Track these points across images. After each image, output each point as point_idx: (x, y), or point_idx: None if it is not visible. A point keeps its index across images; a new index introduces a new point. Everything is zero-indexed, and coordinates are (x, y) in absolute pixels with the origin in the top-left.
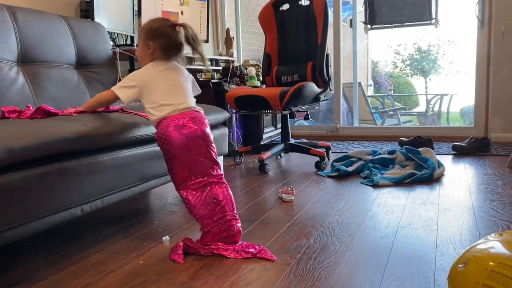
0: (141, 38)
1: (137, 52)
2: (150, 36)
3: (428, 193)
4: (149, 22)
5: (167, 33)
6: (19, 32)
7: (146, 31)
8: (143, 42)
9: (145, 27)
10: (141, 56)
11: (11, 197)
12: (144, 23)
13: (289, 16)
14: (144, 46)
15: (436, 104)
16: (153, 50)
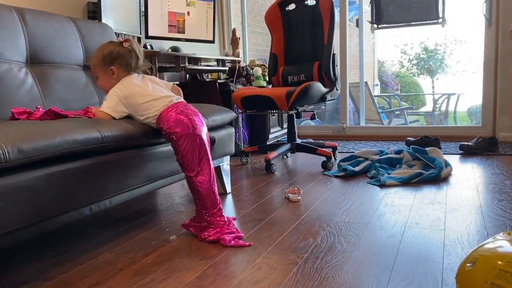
0: (98, 70)
1: (101, 84)
2: (108, 62)
3: (436, 192)
4: (98, 53)
5: (121, 51)
6: (28, 33)
7: (102, 60)
8: (103, 71)
9: (98, 57)
10: (107, 85)
11: (22, 197)
12: (93, 56)
13: (295, 16)
14: (106, 74)
15: (443, 103)
16: (117, 73)
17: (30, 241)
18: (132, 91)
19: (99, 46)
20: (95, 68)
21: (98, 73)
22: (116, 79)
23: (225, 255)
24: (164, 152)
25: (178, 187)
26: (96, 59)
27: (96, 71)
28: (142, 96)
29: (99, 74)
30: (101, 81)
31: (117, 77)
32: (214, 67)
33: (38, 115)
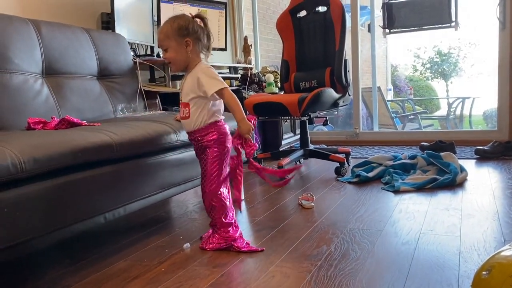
0: (171, 40)
1: (171, 56)
2: (184, 34)
3: (451, 198)
4: (173, 23)
5: (196, 27)
6: (44, 45)
7: (177, 30)
8: (177, 42)
9: (173, 27)
10: (180, 57)
11: (37, 206)
12: (165, 25)
13: (307, 23)
14: (180, 46)
15: (458, 107)
16: (192, 46)
17: (47, 249)
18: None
19: (171, 17)
20: (167, 38)
21: (169, 43)
22: (190, 52)
23: (238, 263)
24: (177, 160)
25: (191, 194)
26: (169, 29)
27: (166, 42)
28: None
29: (170, 45)
30: (173, 53)
31: (191, 50)
32: (226, 75)
33: (53, 125)
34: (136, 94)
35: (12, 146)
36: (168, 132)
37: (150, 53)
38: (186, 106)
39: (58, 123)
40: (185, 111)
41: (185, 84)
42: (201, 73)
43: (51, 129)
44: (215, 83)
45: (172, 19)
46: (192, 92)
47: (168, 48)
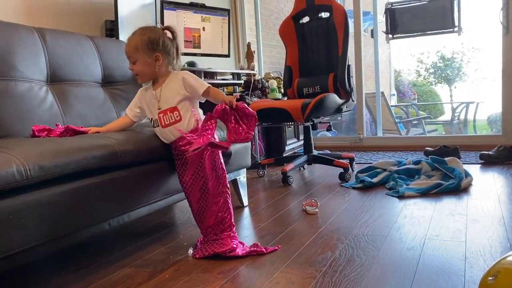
0: (140, 54)
1: (139, 69)
2: (155, 48)
3: (456, 203)
4: (143, 36)
5: (166, 40)
6: (48, 53)
7: (147, 44)
8: (147, 56)
9: (143, 40)
10: (147, 71)
11: (43, 213)
12: (135, 37)
13: (309, 29)
14: (149, 59)
15: (462, 112)
16: (161, 61)
17: (53, 256)
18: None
19: (141, 29)
20: (135, 51)
21: (138, 56)
22: (158, 67)
23: (243, 269)
24: None
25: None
26: (139, 41)
27: (135, 55)
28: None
29: (138, 58)
30: (141, 66)
31: (160, 65)
32: (229, 81)
33: (57, 132)
34: None
35: (18, 153)
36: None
37: None
38: (174, 110)
39: (63, 131)
40: (173, 115)
41: (164, 92)
42: (186, 75)
43: (56, 136)
44: (202, 82)
45: (142, 31)
46: (178, 94)
47: (136, 61)
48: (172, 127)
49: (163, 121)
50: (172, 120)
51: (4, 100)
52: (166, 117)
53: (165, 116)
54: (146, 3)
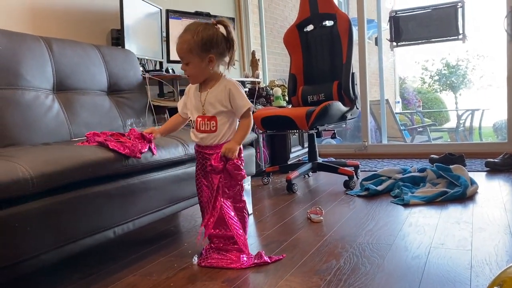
0: (193, 55)
1: (192, 72)
2: (209, 49)
3: (461, 211)
4: (197, 36)
5: (220, 38)
6: (55, 62)
7: (201, 45)
8: (200, 58)
9: (196, 41)
10: (200, 73)
11: (48, 221)
12: (188, 37)
13: (314, 37)
14: (203, 61)
15: (467, 119)
16: (215, 62)
17: (57, 264)
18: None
19: (194, 26)
20: (189, 53)
21: (191, 58)
22: (212, 68)
23: (247, 277)
24: (186, 174)
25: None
26: (192, 42)
27: (188, 56)
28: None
29: (192, 61)
30: (194, 69)
31: (213, 66)
32: None
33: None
34: (145, 109)
35: (23, 161)
36: (176, 146)
37: (159, 68)
38: (212, 119)
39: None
40: (210, 124)
41: (209, 98)
42: (233, 86)
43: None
44: (247, 100)
45: (194, 30)
46: (221, 105)
47: (189, 63)
48: (206, 135)
49: (199, 126)
50: (207, 129)
51: (11, 109)
52: (203, 124)
53: (203, 122)
54: (151, 12)
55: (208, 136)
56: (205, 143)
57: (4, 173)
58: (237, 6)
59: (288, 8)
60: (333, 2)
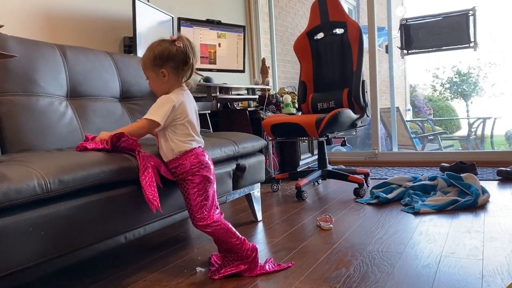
0: (149, 71)
1: (152, 87)
2: (159, 64)
3: (472, 220)
4: (149, 53)
5: (172, 52)
6: (69, 69)
7: (153, 60)
8: (154, 73)
9: (149, 57)
10: (158, 88)
11: (61, 225)
12: (144, 55)
13: (324, 45)
14: (157, 76)
15: (478, 127)
16: (168, 76)
17: (69, 268)
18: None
19: (151, 44)
20: (145, 69)
21: (148, 74)
22: (167, 82)
23: (256, 284)
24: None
25: None
26: (146, 60)
27: (146, 72)
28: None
29: (149, 76)
30: (152, 83)
31: (168, 80)
32: (244, 96)
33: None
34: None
35: (38, 167)
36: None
37: None
38: (156, 136)
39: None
40: (156, 141)
41: None
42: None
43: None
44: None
45: (150, 48)
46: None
47: (148, 78)
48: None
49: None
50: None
51: (26, 115)
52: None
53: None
54: (163, 20)
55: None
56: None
57: (20, 178)
58: (248, 14)
59: (299, 16)
60: (344, 10)
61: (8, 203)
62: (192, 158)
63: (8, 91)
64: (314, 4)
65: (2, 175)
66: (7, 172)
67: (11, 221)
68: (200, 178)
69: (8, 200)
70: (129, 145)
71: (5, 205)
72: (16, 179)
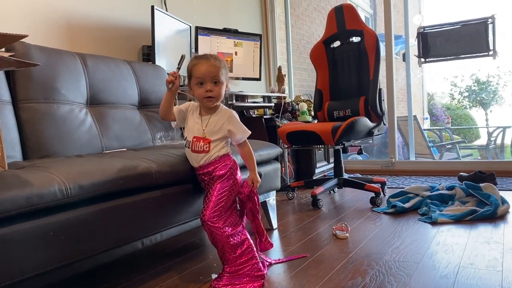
0: (224, 78)
1: (218, 91)
2: (227, 73)
3: (492, 231)
4: (225, 64)
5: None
6: (89, 77)
7: (226, 69)
8: (226, 83)
9: (227, 67)
10: (221, 95)
11: (80, 230)
12: (221, 62)
13: (340, 53)
14: (224, 86)
15: (498, 136)
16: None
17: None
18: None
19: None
20: (220, 74)
21: (222, 79)
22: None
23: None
24: None
25: None
26: (225, 67)
27: (221, 77)
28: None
29: (222, 83)
30: (220, 90)
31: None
32: (260, 103)
33: None
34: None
35: (59, 172)
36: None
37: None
38: (207, 140)
39: None
40: (203, 145)
41: (211, 122)
42: (232, 114)
43: None
44: (243, 130)
45: (219, 58)
46: (220, 132)
47: (219, 83)
48: (198, 154)
49: (194, 146)
50: (201, 149)
51: (47, 122)
52: (198, 144)
53: (198, 142)
54: (181, 29)
55: (199, 156)
56: (198, 162)
57: (41, 184)
58: (264, 23)
59: (315, 24)
60: (360, 18)
61: (31, 208)
62: (232, 160)
63: (30, 98)
64: (331, 12)
65: (25, 180)
66: (29, 178)
67: (33, 225)
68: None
69: (31, 205)
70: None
71: (27, 209)
72: (38, 184)
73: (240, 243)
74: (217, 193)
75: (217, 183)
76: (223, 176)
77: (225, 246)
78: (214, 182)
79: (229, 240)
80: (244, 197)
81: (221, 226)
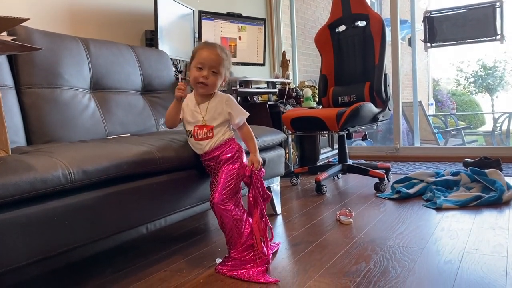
0: (223, 69)
1: (214, 81)
2: (227, 70)
3: (497, 217)
4: (229, 57)
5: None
6: (92, 62)
7: (229, 64)
8: (223, 74)
9: (229, 60)
10: (215, 86)
11: (84, 215)
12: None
13: (346, 37)
14: (221, 78)
15: (504, 122)
16: (223, 83)
17: (91, 258)
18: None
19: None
20: (221, 66)
21: (220, 70)
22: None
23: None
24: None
25: None
26: (226, 59)
27: (219, 68)
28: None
29: (220, 72)
30: (216, 80)
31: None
32: (264, 89)
33: None
34: None
35: (63, 157)
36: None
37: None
38: (209, 127)
39: None
40: (207, 132)
41: (210, 109)
42: (229, 98)
43: None
44: (242, 111)
45: (227, 51)
46: (220, 116)
47: (216, 73)
48: (203, 141)
49: (196, 135)
50: (205, 136)
51: (50, 107)
52: (201, 132)
53: (200, 130)
54: (185, 13)
55: (204, 143)
56: (203, 149)
57: (45, 169)
58: (269, 7)
59: (320, 8)
60: (366, 2)
61: (35, 193)
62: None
63: (34, 83)
64: None
65: (28, 165)
66: (33, 163)
67: (37, 210)
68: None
69: (34, 190)
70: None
71: (31, 194)
72: (42, 169)
73: (246, 228)
74: (225, 175)
75: (224, 167)
76: (230, 159)
77: (233, 230)
78: (221, 165)
79: (237, 224)
80: (247, 179)
81: (230, 209)
